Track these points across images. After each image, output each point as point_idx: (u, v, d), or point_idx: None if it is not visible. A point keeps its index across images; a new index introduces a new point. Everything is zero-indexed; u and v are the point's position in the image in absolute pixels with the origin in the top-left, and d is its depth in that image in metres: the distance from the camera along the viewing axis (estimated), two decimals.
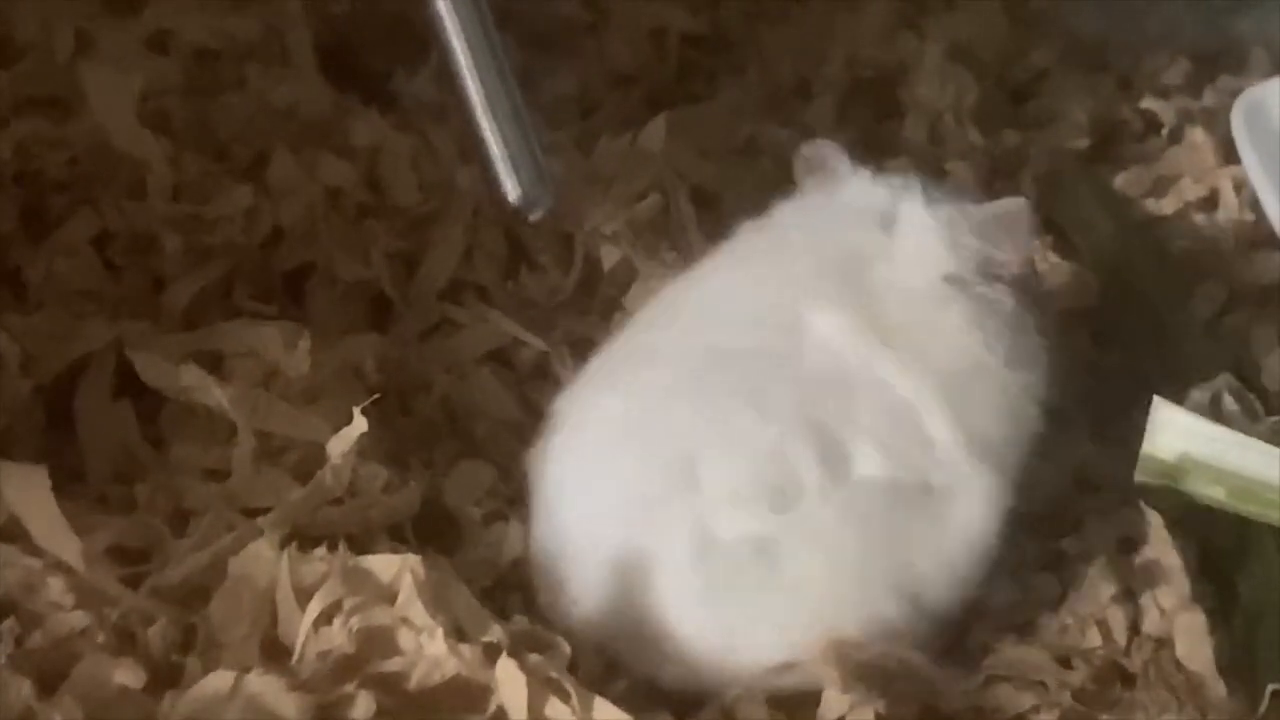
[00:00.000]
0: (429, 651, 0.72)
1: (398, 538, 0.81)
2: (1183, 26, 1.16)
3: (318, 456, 0.82)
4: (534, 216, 0.87)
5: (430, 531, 0.83)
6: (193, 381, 0.84)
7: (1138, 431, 0.84)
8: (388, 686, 0.71)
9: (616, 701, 0.72)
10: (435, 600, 0.73)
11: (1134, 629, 0.80)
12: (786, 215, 0.86)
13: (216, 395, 0.83)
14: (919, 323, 0.81)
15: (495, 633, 0.73)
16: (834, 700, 0.74)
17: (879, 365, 0.79)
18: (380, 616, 0.72)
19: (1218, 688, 0.77)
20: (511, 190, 0.85)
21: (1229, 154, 1.04)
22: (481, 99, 0.84)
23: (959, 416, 0.79)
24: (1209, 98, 1.11)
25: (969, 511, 0.79)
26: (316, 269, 0.95)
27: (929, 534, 0.78)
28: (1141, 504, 0.83)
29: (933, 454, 0.79)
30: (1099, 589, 0.81)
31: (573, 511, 0.79)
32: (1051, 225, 1.02)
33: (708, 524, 0.76)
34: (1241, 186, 1.03)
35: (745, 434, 0.77)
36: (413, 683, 0.72)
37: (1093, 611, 0.80)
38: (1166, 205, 1.05)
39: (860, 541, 0.77)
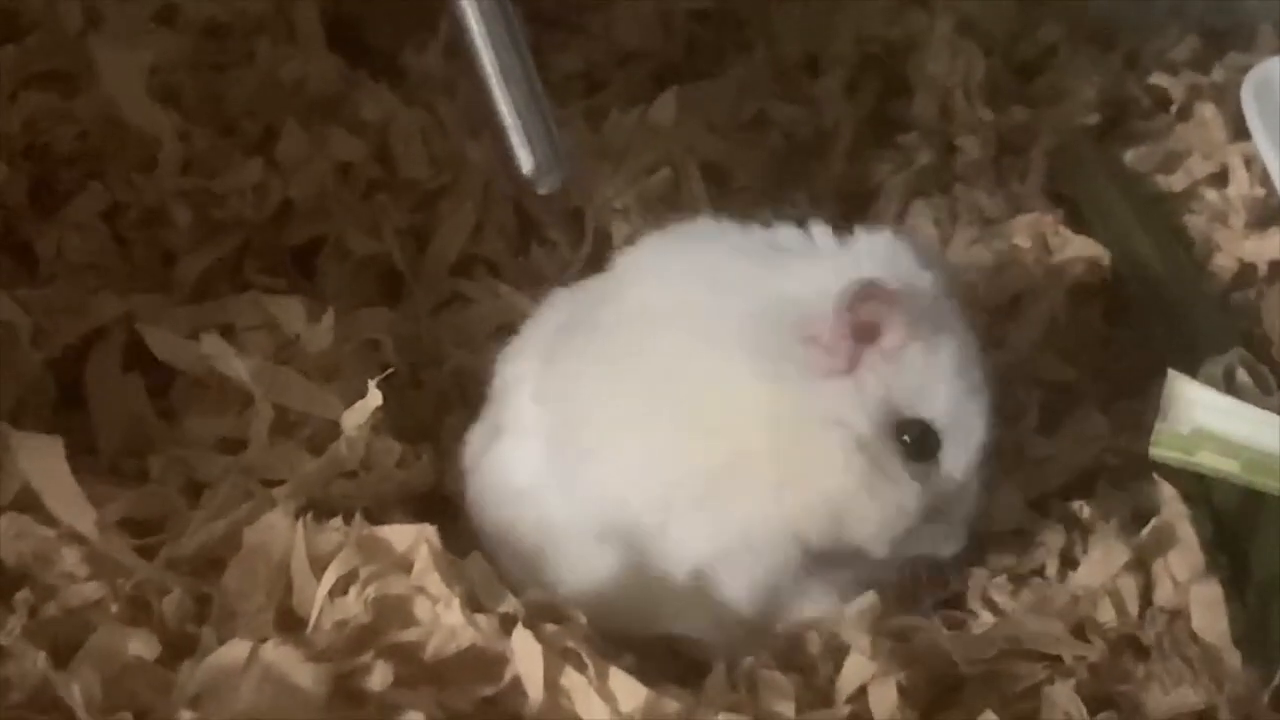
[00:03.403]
0: (445, 621, 0.72)
1: (411, 512, 0.81)
2: (1191, 3, 1.16)
3: (332, 431, 0.82)
4: (548, 188, 0.86)
5: (435, 511, 0.83)
6: (213, 351, 0.84)
7: (1151, 406, 0.84)
8: (404, 656, 0.71)
9: (628, 674, 0.72)
10: (451, 570, 0.73)
11: (1147, 600, 0.80)
12: None
13: (236, 366, 0.83)
14: None
15: (511, 603, 0.73)
16: (858, 666, 0.74)
17: None
18: (396, 586, 0.72)
19: (1233, 659, 0.77)
20: (525, 162, 0.85)
21: (1238, 130, 1.04)
22: (495, 69, 0.84)
23: None
24: (1218, 74, 1.11)
25: None
26: (327, 243, 0.95)
27: None
28: (1156, 476, 0.82)
29: None
30: (1110, 561, 0.80)
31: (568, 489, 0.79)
32: (1062, 201, 1.02)
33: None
34: (1251, 162, 1.03)
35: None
36: (429, 652, 0.71)
37: (1104, 584, 0.80)
38: (1176, 181, 1.04)
39: None
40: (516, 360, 0.82)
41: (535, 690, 0.71)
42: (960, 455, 0.77)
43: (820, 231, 0.80)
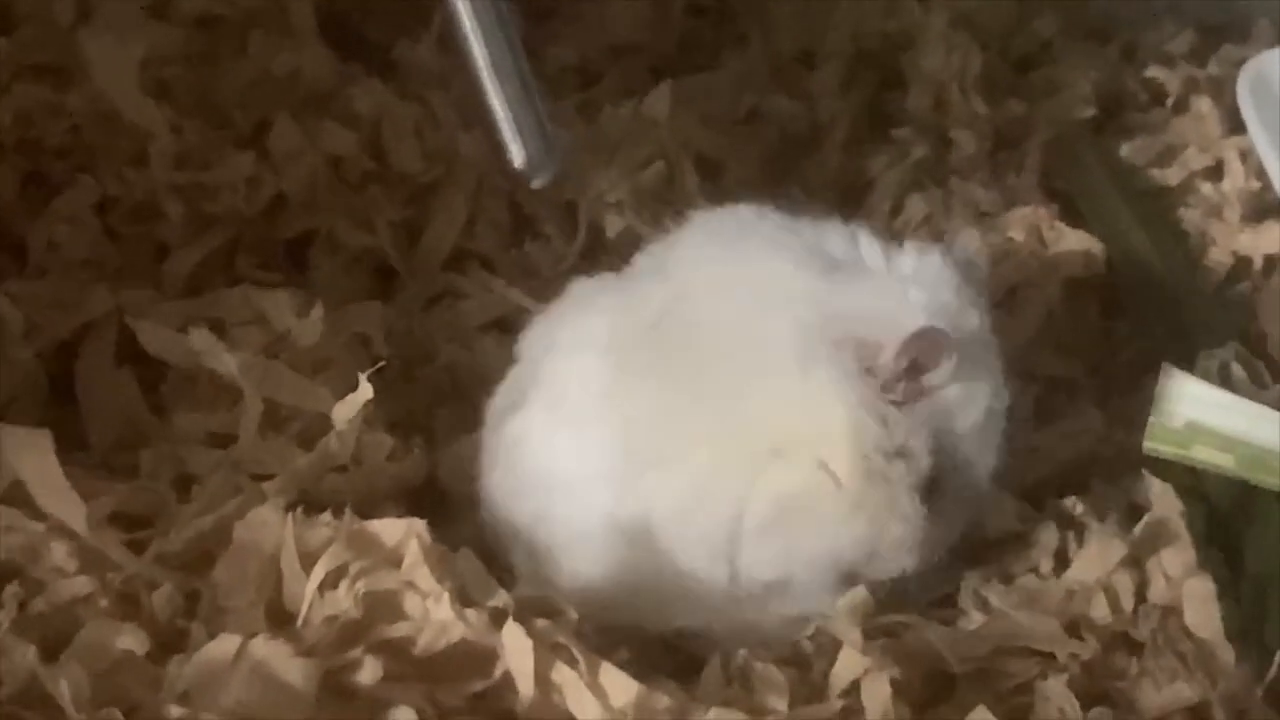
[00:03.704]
0: (435, 616, 0.71)
1: (403, 506, 0.81)
2: None
3: (322, 425, 0.82)
4: (539, 182, 0.86)
5: (425, 507, 0.82)
6: (203, 346, 0.83)
7: (1147, 400, 0.84)
8: (394, 651, 0.71)
9: (620, 669, 0.72)
10: (441, 565, 0.72)
11: (1140, 596, 0.79)
12: None
13: (226, 361, 0.83)
14: None
15: (501, 597, 0.72)
16: (851, 661, 0.74)
17: None
18: (386, 581, 0.72)
19: (1227, 655, 0.77)
20: (517, 155, 0.85)
21: (1234, 124, 1.04)
22: (487, 62, 0.84)
23: None
24: (1214, 67, 1.10)
25: None
26: (319, 237, 0.95)
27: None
28: (1145, 472, 0.82)
29: None
30: (1105, 556, 0.80)
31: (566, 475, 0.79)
32: (1058, 195, 1.02)
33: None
34: (1247, 156, 1.02)
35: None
36: (419, 647, 0.71)
37: (1099, 579, 0.80)
38: (1172, 175, 1.04)
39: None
40: (571, 352, 0.80)
41: (526, 685, 0.71)
42: (963, 499, 0.79)
43: (868, 245, 0.80)
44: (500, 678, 0.71)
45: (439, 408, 0.89)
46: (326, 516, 0.75)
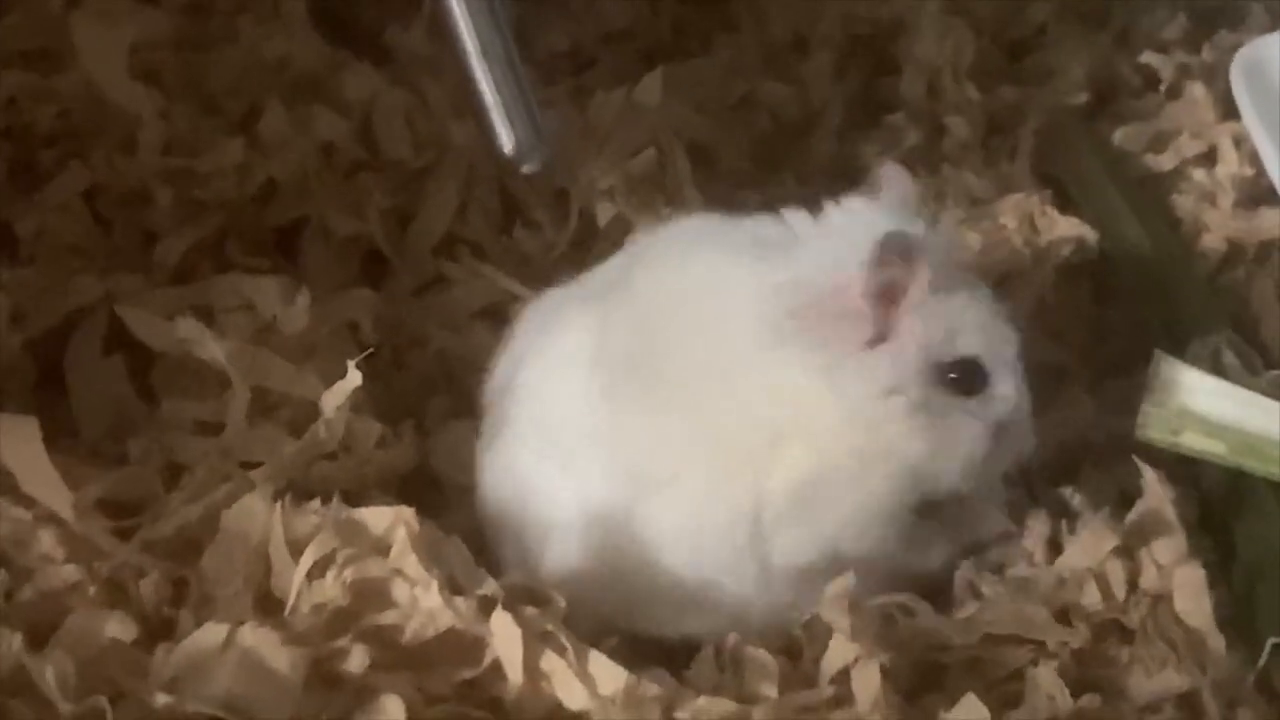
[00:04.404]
0: (423, 604, 0.71)
1: (393, 493, 0.81)
2: None
3: (311, 413, 0.81)
4: (529, 168, 0.86)
5: (416, 493, 0.82)
6: (190, 334, 0.83)
7: (1138, 387, 0.83)
8: (382, 639, 0.71)
9: (609, 656, 0.71)
10: (429, 553, 0.72)
11: (1132, 584, 0.79)
12: None
13: (213, 349, 0.82)
14: None
15: (490, 586, 0.72)
16: (841, 648, 0.74)
17: None
18: (374, 569, 0.72)
19: (1217, 642, 0.77)
20: (506, 141, 0.84)
21: (1228, 109, 1.03)
22: (476, 48, 0.84)
23: None
24: (1208, 53, 1.10)
25: None
26: (310, 224, 0.95)
27: None
28: (1137, 459, 0.82)
29: None
30: (1097, 544, 0.80)
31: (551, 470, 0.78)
32: (1051, 181, 1.01)
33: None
34: (1241, 141, 1.02)
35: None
36: (407, 635, 0.71)
37: (1091, 566, 0.79)
38: (1165, 161, 1.04)
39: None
40: (548, 373, 0.80)
41: (515, 673, 0.70)
42: (1005, 374, 0.78)
43: (795, 217, 0.79)
44: (489, 666, 0.71)
45: (430, 395, 0.89)
46: (315, 504, 0.75)
